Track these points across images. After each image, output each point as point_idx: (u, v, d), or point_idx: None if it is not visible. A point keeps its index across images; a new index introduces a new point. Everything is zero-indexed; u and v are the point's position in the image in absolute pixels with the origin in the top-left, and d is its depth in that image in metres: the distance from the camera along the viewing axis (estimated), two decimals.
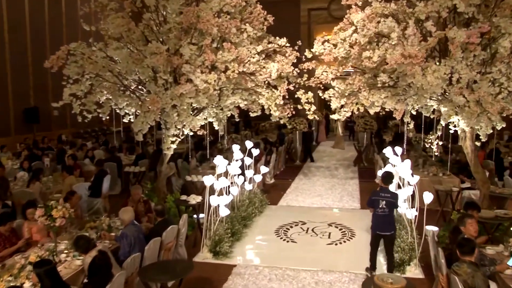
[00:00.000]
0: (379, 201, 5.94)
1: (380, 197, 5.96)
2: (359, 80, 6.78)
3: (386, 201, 5.91)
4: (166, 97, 6.67)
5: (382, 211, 5.93)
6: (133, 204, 7.05)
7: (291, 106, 8.16)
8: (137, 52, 6.71)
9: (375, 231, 6.02)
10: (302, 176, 13.27)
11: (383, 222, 5.94)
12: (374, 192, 6.28)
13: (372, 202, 6.06)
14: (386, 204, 5.91)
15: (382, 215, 5.93)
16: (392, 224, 6.05)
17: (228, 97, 7.58)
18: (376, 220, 6.01)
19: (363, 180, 12.39)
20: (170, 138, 7.67)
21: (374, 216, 6.05)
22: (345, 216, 9.05)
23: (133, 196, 7.05)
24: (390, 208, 5.95)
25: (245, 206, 8.63)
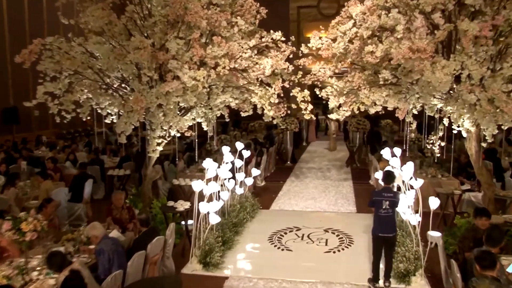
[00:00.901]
0: (382, 202, 5.56)
1: (383, 197, 5.58)
2: (358, 77, 6.33)
3: (389, 201, 5.54)
4: (151, 95, 6.13)
5: (385, 212, 5.54)
6: (117, 211, 6.50)
7: (285, 105, 7.69)
8: (120, 47, 6.15)
9: (378, 233, 5.60)
10: (294, 178, 12.82)
11: (386, 223, 5.57)
12: (375, 192, 5.91)
13: (374, 203, 5.66)
14: (390, 204, 5.54)
15: (385, 216, 5.55)
16: (394, 225, 5.70)
17: (218, 95, 7.07)
18: (379, 222, 5.62)
19: (357, 181, 12.00)
20: (155, 140, 7.14)
21: (377, 217, 5.66)
22: (341, 221, 8.62)
23: (115, 203, 6.50)
24: (393, 209, 5.58)
25: (236, 211, 8.15)
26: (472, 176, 8.57)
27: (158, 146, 7.25)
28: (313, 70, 6.92)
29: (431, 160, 9.47)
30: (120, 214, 6.57)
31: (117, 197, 6.61)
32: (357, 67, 6.69)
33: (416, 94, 6.29)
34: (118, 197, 6.60)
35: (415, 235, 5.92)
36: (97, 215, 7.82)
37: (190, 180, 9.07)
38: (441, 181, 8.57)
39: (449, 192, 7.67)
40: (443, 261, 4.91)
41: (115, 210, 6.58)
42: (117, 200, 6.58)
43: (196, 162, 10.72)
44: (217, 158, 10.78)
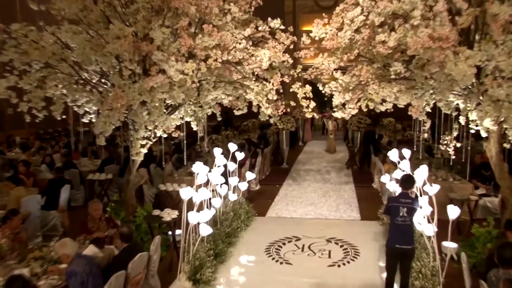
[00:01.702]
0: (399, 208, 5.12)
1: (400, 204, 5.14)
2: (366, 71, 5.86)
3: (407, 208, 5.10)
4: (133, 91, 5.61)
5: (402, 220, 5.11)
6: (93, 223, 5.97)
7: (283, 102, 7.21)
8: (97, 36, 5.62)
9: (394, 244, 5.14)
10: (291, 181, 12.38)
11: (403, 233, 5.12)
12: (392, 198, 5.48)
13: (390, 210, 5.23)
14: (407, 211, 5.10)
15: (402, 225, 5.11)
16: (413, 236, 5.24)
17: (209, 91, 6.57)
18: (395, 231, 5.18)
19: (360, 185, 11.58)
20: (139, 142, 6.63)
21: (393, 226, 5.22)
22: (344, 229, 8.17)
23: (92, 214, 5.96)
24: (411, 217, 5.14)
25: (229, 220, 7.68)
26: (487, 179, 8.18)
27: (142, 148, 6.75)
28: (315, 63, 6.45)
29: (440, 162, 9.04)
30: (98, 226, 6.05)
31: (93, 207, 6.06)
32: (364, 59, 6.22)
33: (431, 90, 5.84)
34: (94, 207, 6.06)
35: (431, 248, 5.47)
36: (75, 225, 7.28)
37: (179, 185, 8.62)
38: (453, 185, 8.15)
39: (464, 197, 7.26)
40: (469, 281, 4.47)
41: (91, 222, 6.04)
42: (93, 210, 6.04)
43: (185, 165, 10.22)
44: (208, 160, 10.34)
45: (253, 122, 15.55)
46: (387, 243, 5.33)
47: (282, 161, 14.57)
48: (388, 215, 5.40)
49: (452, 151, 6.61)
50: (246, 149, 12.89)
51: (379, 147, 11.84)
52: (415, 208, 5.16)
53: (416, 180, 5.43)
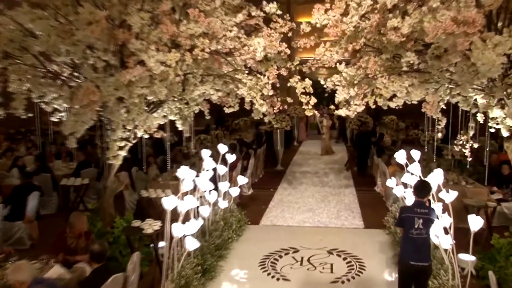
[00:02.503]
0: (414, 220, 4.69)
1: (416, 214, 4.71)
2: (374, 63, 5.39)
3: (423, 219, 4.67)
4: (108, 86, 5.08)
5: (418, 233, 4.67)
6: (73, 240, 5.44)
7: (279, 98, 6.72)
8: (66, 22, 5.08)
9: (408, 261, 4.69)
10: (286, 185, 11.93)
11: (419, 248, 4.67)
12: (405, 208, 5.04)
13: (404, 221, 4.79)
14: (424, 223, 4.67)
15: (418, 239, 4.67)
16: (429, 251, 4.82)
17: (195, 86, 6.05)
18: (409, 246, 4.73)
19: (361, 188, 11.15)
20: (117, 143, 6.09)
21: (407, 240, 4.77)
22: (347, 239, 7.71)
23: (76, 228, 5.46)
24: (427, 229, 4.70)
25: (219, 230, 7.20)
26: (503, 182, 7.78)
27: (121, 151, 6.21)
28: (316, 54, 5.96)
29: (451, 164, 8.63)
30: (77, 243, 5.53)
31: (80, 220, 5.60)
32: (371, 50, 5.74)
33: (448, 84, 5.38)
34: (81, 221, 5.61)
35: (450, 264, 5.01)
36: (46, 237, 6.76)
37: (163, 191, 8.11)
38: (466, 190, 7.73)
39: (481, 204, 6.83)
40: None
41: (71, 238, 5.52)
42: (80, 224, 5.59)
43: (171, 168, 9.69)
44: (195, 163, 9.84)
45: (245, 120, 15.05)
46: (400, 259, 4.88)
47: (276, 162, 14.11)
48: (401, 227, 4.94)
49: (468, 152, 6.16)
50: (238, 150, 12.44)
51: (382, 147, 11.39)
52: (432, 219, 4.71)
53: (432, 187, 4.97)
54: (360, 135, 12.57)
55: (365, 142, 12.22)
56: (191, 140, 9.26)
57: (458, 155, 8.56)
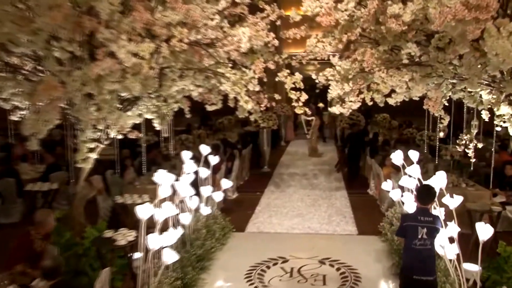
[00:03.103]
0: (417, 229, 4.39)
1: (419, 223, 4.41)
2: (371, 55, 5.05)
3: (427, 228, 4.37)
4: (74, 81, 4.65)
5: (422, 244, 4.38)
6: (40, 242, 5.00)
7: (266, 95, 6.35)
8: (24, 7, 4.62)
9: (411, 275, 4.40)
10: (274, 188, 11.58)
11: (422, 260, 4.39)
12: (407, 216, 4.75)
13: (406, 231, 4.49)
14: (428, 232, 4.37)
15: (422, 250, 4.38)
16: (434, 264, 4.54)
17: (173, 82, 5.64)
18: (413, 258, 4.44)
19: (353, 191, 10.84)
20: (86, 145, 5.65)
21: (409, 252, 4.49)
22: (339, 247, 7.39)
23: (44, 229, 5.08)
24: (432, 240, 4.41)
25: (201, 239, 6.81)
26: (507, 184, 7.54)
27: (91, 153, 5.78)
28: (307, 45, 5.60)
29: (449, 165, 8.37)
30: (44, 246, 5.10)
31: (50, 218, 5.24)
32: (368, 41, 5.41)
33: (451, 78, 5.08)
34: (51, 218, 5.25)
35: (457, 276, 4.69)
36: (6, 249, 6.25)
37: (140, 196, 7.70)
38: (467, 192, 7.45)
39: (485, 208, 6.56)
40: None
41: (38, 241, 5.07)
42: (51, 222, 5.24)
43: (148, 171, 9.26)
44: (176, 165, 9.43)
45: (230, 119, 14.65)
46: (401, 272, 4.58)
47: (262, 163, 13.75)
48: (402, 237, 4.61)
49: (472, 152, 5.88)
50: (221, 151, 12.05)
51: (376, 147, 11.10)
52: (437, 228, 4.40)
53: (436, 192, 4.65)
54: (351, 136, 12.14)
55: (357, 144, 11.76)
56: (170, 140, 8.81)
57: (457, 155, 8.30)
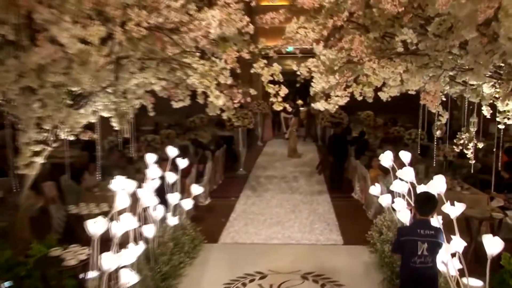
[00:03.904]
0: (417, 244, 3.97)
1: (419, 237, 4.00)
2: (360, 43, 4.60)
3: (428, 243, 3.97)
4: (7, 71, 4.03)
5: (422, 261, 3.97)
6: None
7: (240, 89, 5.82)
8: None
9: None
10: (250, 192, 11.09)
11: (423, 281, 4.00)
12: (405, 230, 4.47)
13: (403, 247, 4.10)
14: (429, 249, 3.96)
15: (422, 269, 3.98)
16: (436, 284, 4.16)
17: (132, 74, 5.05)
18: (411, 279, 4.06)
19: (336, 195, 10.44)
20: (30, 147, 5.03)
21: (407, 270, 4.08)
22: (323, 259, 6.90)
23: None
24: (434, 256, 4.01)
25: (167, 253, 6.23)
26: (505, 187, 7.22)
27: (36, 158, 5.16)
28: (287, 31, 5.11)
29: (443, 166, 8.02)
30: None
31: None
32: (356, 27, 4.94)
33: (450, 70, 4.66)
34: None
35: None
36: None
37: (98, 205, 7.11)
38: (462, 196, 7.08)
39: (485, 215, 6.19)
40: None
41: None
42: None
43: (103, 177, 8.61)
44: (141, 169, 8.84)
45: (202, 117, 14.07)
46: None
47: (238, 166, 13.24)
48: (399, 254, 4.16)
49: (471, 153, 5.48)
50: (192, 152, 11.53)
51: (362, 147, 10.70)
52: (440, 243, 3.98)
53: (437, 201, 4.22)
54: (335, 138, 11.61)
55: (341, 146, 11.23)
56: (131, 142, 8.20)
57: (450, 155, 7.96)
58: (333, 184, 11.04)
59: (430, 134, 9.61)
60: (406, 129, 11.63)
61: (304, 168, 13.55)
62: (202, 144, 12.19)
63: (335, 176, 11.07)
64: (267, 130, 19.64)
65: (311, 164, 13.76)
